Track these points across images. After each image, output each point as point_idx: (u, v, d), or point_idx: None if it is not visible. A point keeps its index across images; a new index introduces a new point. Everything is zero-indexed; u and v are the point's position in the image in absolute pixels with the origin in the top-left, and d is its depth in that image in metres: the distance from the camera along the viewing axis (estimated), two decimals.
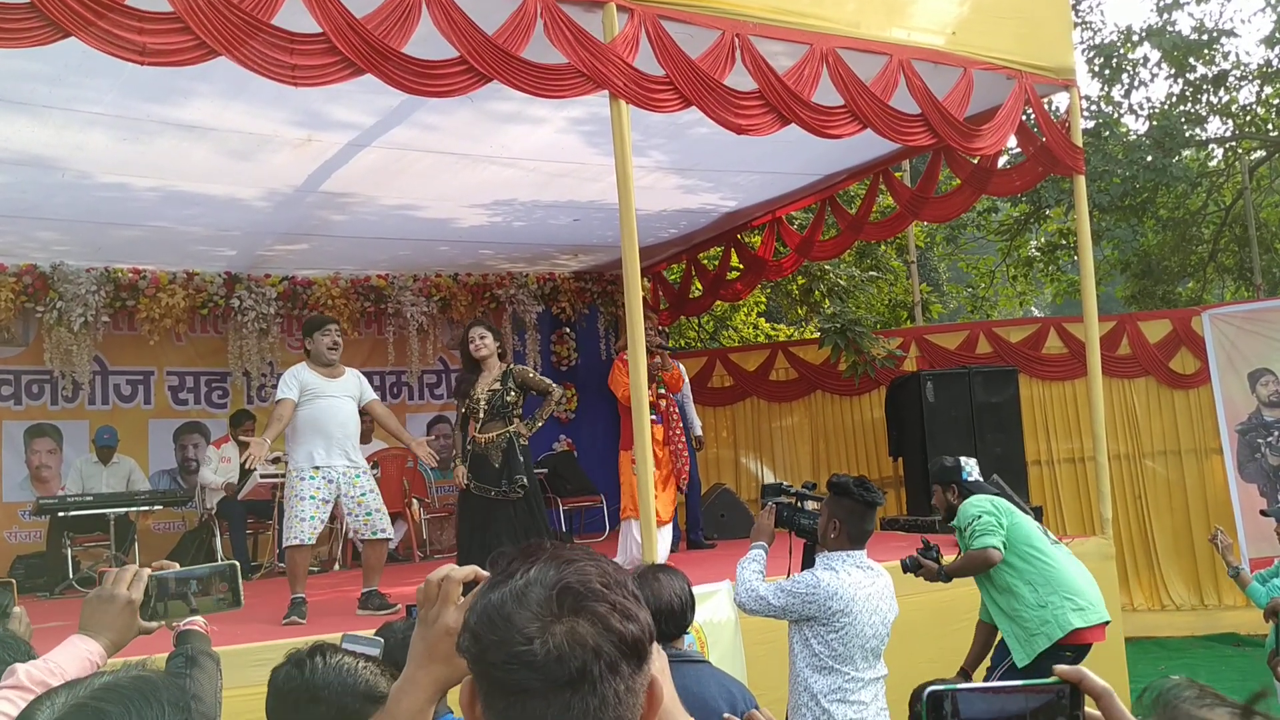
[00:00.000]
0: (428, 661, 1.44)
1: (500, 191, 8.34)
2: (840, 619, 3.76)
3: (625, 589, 1.15)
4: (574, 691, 1.07)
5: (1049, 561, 4.92)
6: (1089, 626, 4.82)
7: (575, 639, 1.08)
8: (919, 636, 5.56)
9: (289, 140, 6.79)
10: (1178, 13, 15.35)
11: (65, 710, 1.38)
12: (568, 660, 1.07)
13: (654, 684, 1.15)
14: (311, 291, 10.26)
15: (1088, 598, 4.87)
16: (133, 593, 2.04)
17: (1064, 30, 7.76)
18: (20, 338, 9.48)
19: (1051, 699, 1.11)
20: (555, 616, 1.09)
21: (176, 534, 9.57)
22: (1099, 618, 4.87)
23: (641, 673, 1.13)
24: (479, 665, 1.12)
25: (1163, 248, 16.33)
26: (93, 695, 1.40)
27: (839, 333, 10.37)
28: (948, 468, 5.31)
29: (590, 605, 1.10)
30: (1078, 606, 4.82)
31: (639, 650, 1.12)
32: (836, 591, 3.76)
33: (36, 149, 6.51)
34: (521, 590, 1.12)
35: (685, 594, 3.02)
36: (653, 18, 5.60)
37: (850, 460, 11.20)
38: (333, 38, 4.72)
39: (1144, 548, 10.67)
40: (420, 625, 1.47)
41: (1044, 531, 5.15)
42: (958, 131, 6.78)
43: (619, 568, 1.18)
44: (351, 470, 5.97)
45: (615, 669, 1.09)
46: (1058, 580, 4.87)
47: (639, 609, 1.15)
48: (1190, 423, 10.77)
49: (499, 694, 1.09)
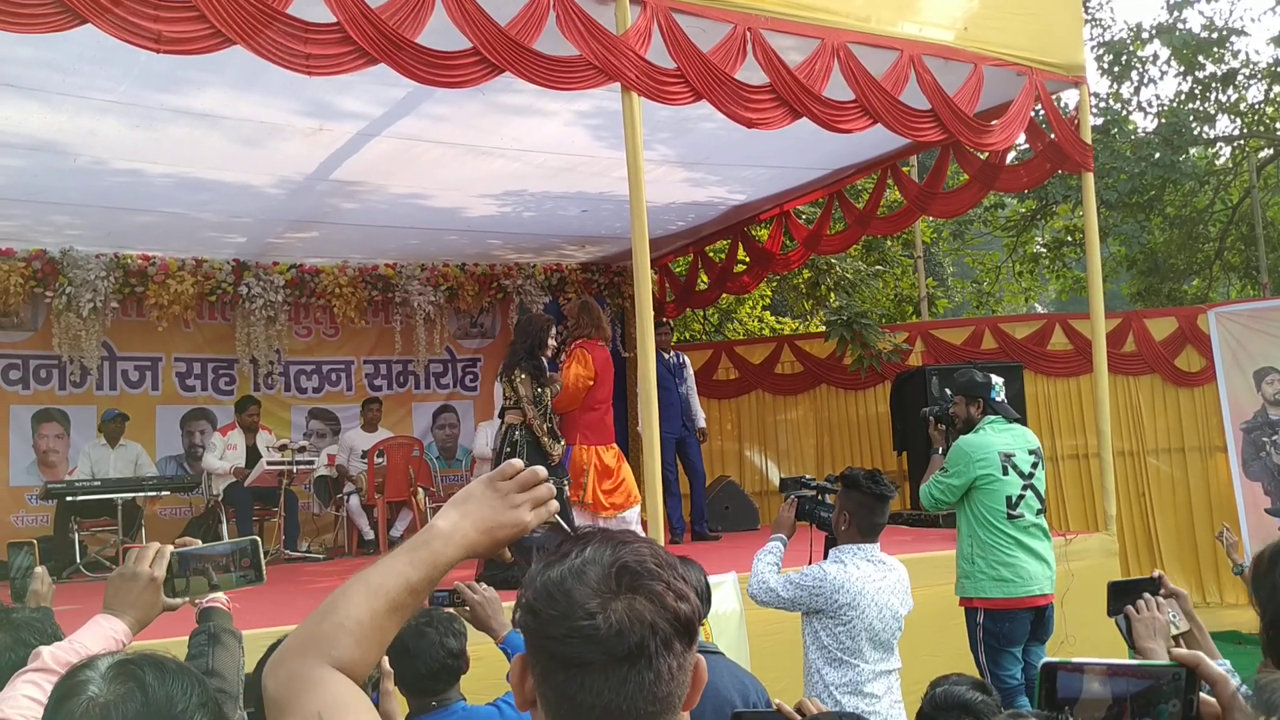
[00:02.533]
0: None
1: (509, 182, 8.35)
2: (847, 612, 3.78)
3: (676, 570, 1.19)
4: (631, 665, 1.11)
5: (994, 531, 5.17)
6: (1006, 598, 5.12)
7: (634, 615, 1.12)
8: (919, 630, 5.59)
9: (300, 129, 6.81)
10: (1188, 10, 15.32)
11: (110, 671, 1.45)
12: (627, 635, 1.11)
13: (698, 665, 1.20)
14: (319, 280, 10.29)
15: (1016, 570, 5.13)
16: (155, 570, 2.07)
17: (1075, 27, 7.76)
18: (29, 322, 9.52)
19: (1162, 682, 1.12)
20: (614, 593, 1.13)
21: (183, 519, 9.61)
22: (1025, 591, 5.13)
23: (690, 651, 1.17)
24: (538, 639, 1.15)
25: (1169, 245, 16.32)
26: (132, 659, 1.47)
27: (845, 326, 10.39)
28: (978, 383, 5.41)
29: (647, 584, 1.15)
30: (999, 578, 5.13)
31: (690, 629, 1.17)
32: (842, 585, 3.78)
33: (50, 134, 6.54)
34: (580, 568, 1.15)
35: (700, 585, 3.04)
36: (665, 10, 5.61)
37: (854, 454, 11.22)
38: (347, 27, 4.74)
39: (1147, 545, 10.68)
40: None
41: (1022, 498, 5.23)
42: (968, 127, 6.78)
43: (668, 551, 1.23)
44: None
45: (669, 645, 1.13)
46: (992, 551, 5.16)
47: (689, 590, 1.19)
48: (1195, 421, 10.77)
49: (558, 667, 1.13)
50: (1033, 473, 5.28)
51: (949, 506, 5.39)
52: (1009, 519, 5.18)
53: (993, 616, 5.15)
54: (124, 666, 1.45)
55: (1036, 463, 5.32)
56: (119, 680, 1.43)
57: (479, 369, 11.39)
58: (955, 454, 5.31)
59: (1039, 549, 5.22)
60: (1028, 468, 5.27)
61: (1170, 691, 1.13)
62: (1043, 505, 5.34)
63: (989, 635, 5.17)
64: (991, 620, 5.15)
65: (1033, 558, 5.18)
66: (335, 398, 10.79)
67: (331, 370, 10.80)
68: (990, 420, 5.35)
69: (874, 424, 11.26)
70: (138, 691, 1.42)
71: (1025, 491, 5.23)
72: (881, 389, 11.02)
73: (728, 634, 5.40)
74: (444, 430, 11.04)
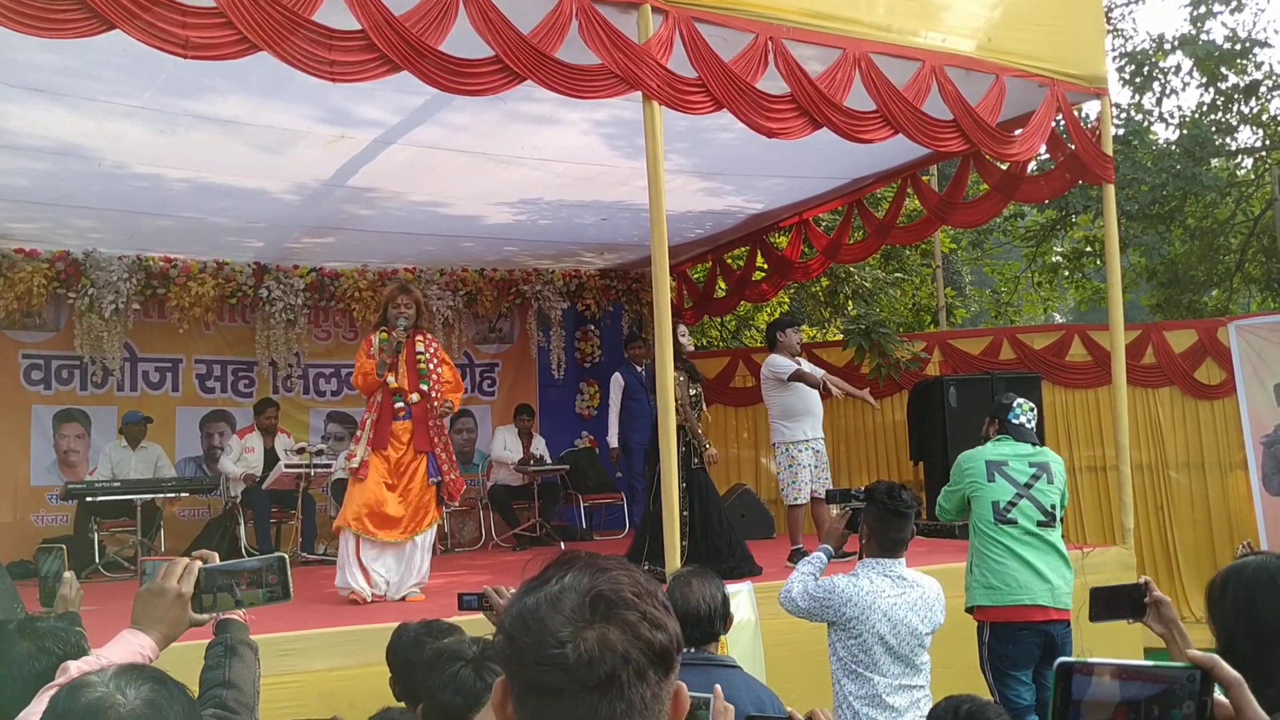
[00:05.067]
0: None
1: (527, 190, 8.38)
2: (856, 625, 3.78)
3: (656, 599, 1.19)
4: (602, 695, 1.11)
5: (985, 539, 5.19)
6: (996, 606, 5.10)
7: (605, 644, 1.12)
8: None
9: (320, 136, 6.85)
10: (1211, 21, 15.26)
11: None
12: (597, 664, 1.11)
13: (679, 693, 1.19)
14: (339, 284, 10.35)
15: (1004, 578, 5.10)
16: (183, 586, 2.08)
17: (1097, 38, 7.73)
18: (52, 323, 9.59)
19: (1177, 685, 1.12)
20: (587, 622, 1.13)
21: (201, 521, 9.66)
22: (1014, 600, 5.08)
23: (668, 681, 1.17)
24: (512, 666, 1.16)
25: (1190, 257, 16.23)
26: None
27: (863, 334, 10.36)
28: (1000, 404, 5.55)
29: (621, 613, 1.15)
30: (987, 585, 5.12)
31: (666, 659, 1.16)
32: (850, 598, 3.79)
33: (75, 139, 6.60)
34: (556, 596, 1.16)
35: (716, 601, 3.05)
36: (687, 20, 5.62)
37: (871, 464, 11.18)
38: (371, 35, 4.76)
39: (1165, 559, 10.61)
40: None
41: (1015, 505, 5.20)
42: (991, 137, 6.77)
43: (650, 578, 1.22)
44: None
45: (643, 675, 1.13)
46: (983, 559, 5.18)
47: (668, 619, 1.19)
48: (1214, 434, 10.69)
49: (531, 694, 1.14)
50: (1031, 484, 5.24)
51: (953, 518, 5.57)
52: (997, 525, 5.17)
53: (997, 635, 5.13)
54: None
55: (1039, 475, 5.26)
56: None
57: (496, 374, 11.42)
58: (953, 467, 5.47)
59: (1035, 560, 5.12)
60: (1024, 478, 5.24)
61: (1185, 694, 1.13)
62: (1048, 518, 5.27)
63: (994, 655, 5.14)
64: (996, 639, 5.13)
65: (1024, 567, 5.09)
66: (354, 401, 10.81)
67: (351, 373, 10.80)
68: (998, 439, 5.41)
69: (890, 433, 11.21)
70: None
71: (1019, 500, 5.20)
72: (899, 398, 10.97)
73: (742, 644, 5.40)
74: (461, 434, 11.05)
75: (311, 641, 4.95)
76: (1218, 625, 2.17)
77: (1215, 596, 2.21)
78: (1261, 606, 2.14)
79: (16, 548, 8.59)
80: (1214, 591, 2.21)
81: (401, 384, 6.34)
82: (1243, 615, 2.15)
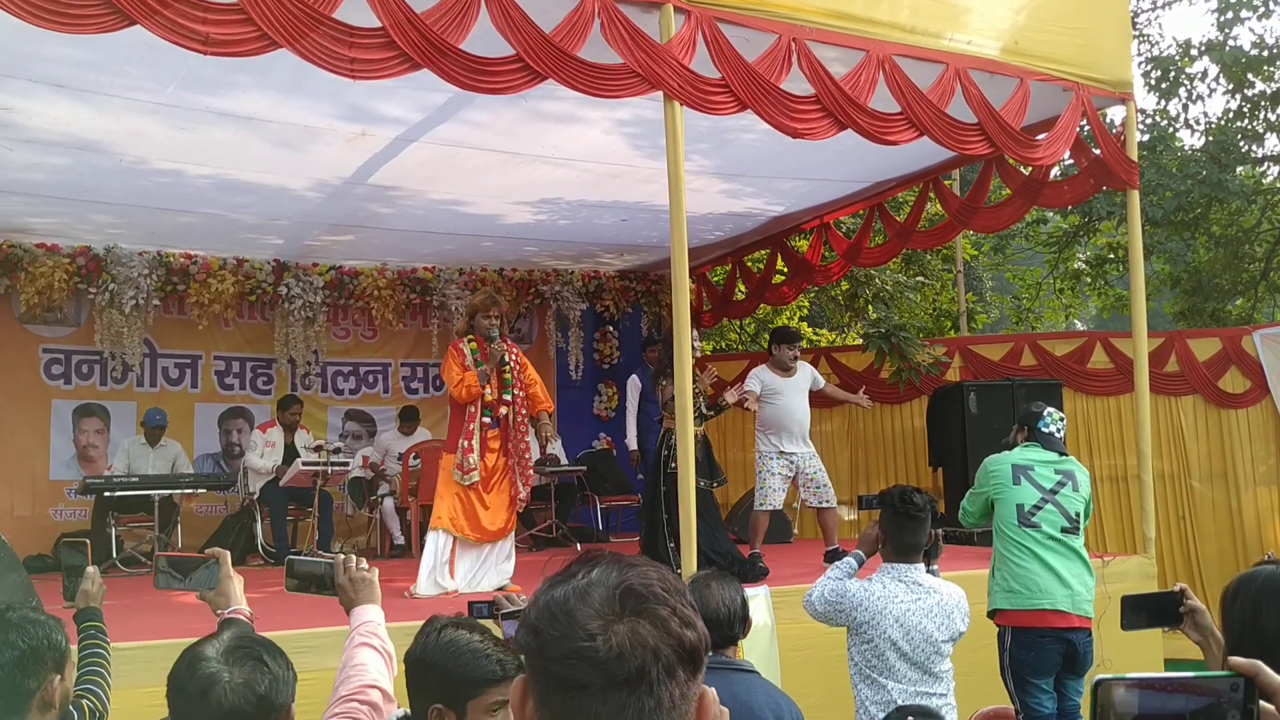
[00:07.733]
0: None
1: (547, 190, 8.36)
2: (866, 630, 3.76)
3: (684, 597, 1.16)
4: (631, 691, 1.07)
5: (1008, 541, 5.14)
6: (1016, 610, 5.04)
7: (636, 639, 1.09)
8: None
9: (342, 134, 6.85)
10: (1238, 27, 15.12)
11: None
12: (628, 659, 1.08)
13: (705, 695, 1.15)
14: (359, 282, 10.36)
15: (1025, 582, 5.05)
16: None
17: (1123, 43, 7.67)
18: (72, 318, 9.63)
19: (1221, 697, 1.08)
20: (617, 616, 1.10)
21: (218, 517, 9.69)
22: (1034, 604, 5.02)
23: (695, 681, 1.13)
24: (537, 660, 1.12)
25: (1214, 264, 16.09)
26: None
27: (883, 338, 10.30)
28: (1030, 411, 5.53)
29: (652, 608, 1.11)
30: (1008, 589, 5.08)
31: (695, 658, 1.12)
32: (860, 602, 3.76)
33: (96, 134, 6.61)
34: (584, 589, 1.12)
35: (735, 604, 3.01)
36: (710, 20, 5.59)
37: (889, 469, 11.12)
38: (392, 32, 4.75)
39: (1187, 570, 10.49)
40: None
41: (1039, 510, 5.16)
42: (1015, 141, 6.71)
43: (677, 577, 1.19)
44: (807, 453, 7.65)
45: (672, 673, 1.10)
46: (1005, 562, 5.14)
47: (696, 618, 1.15)
48: (1239, 444, 10.59)
49: (556, 689, 1.10)
50: (1057, 490, 5.21)
51: (976, 522, 5.50)
52: (1021, 528, 5.13)
53: (1018, 642, 5.08)
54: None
55: (1065, 482, 5.24)
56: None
57: None
58: (979, 470, 5.44)
59: (1057, 565, 5.09)
60: (1049, 483, 5.21)
61: (1230, 704, 1.09)
62: (1072, 524, 5.23)
63: (1014, 662, 5.10)
64: (1017, 646, 5.08)
65: (1047, 571, 5.06)
66: (372, 399, 10.84)
67: (369, 372, 10.86)
68: (1025, 445, 5.39)
69: (910, 439, 11.14)
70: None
71: (1044, 504, 5.16)
72: (918, 403, 10.91)
73: (758, 648, 5.36)
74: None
75: (324, 640, 4.93)
76: (1227, 633, 2.15)
77: (1226, 605, 2.19)
78: (1267, 617, 2.13)
79: (35, 541, 8.64)
80: (1226, 600, 2.19)
81: (495, 394, 6.69)
82: (1249, 625, 2.13)
